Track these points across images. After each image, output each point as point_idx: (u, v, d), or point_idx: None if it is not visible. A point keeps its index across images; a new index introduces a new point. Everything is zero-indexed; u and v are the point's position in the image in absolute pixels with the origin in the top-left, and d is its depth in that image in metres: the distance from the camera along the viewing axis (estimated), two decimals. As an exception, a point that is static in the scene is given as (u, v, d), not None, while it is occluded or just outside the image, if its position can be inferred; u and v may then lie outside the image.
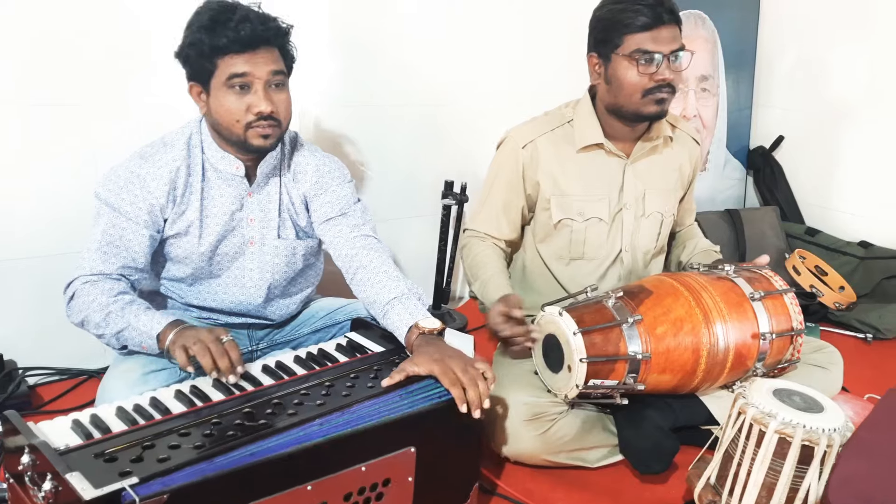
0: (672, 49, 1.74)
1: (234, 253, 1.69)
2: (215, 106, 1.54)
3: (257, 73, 1.51)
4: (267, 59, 1.52)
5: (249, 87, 1.52)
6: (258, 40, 1.50)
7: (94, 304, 1.49)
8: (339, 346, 1.57)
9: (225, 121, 1.54)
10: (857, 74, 2.98)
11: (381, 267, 1.61)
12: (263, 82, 1.52)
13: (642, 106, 1.78)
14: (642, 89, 1.76)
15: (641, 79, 1.75)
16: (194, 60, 1.51)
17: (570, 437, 1.69)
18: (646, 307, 1.65)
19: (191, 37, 1.50)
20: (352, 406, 1.27)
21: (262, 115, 1.52)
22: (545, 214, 1.92)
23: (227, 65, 1.50)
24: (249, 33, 1.48)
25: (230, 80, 1.50)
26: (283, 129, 1.60)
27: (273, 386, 1.36)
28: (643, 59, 1.73)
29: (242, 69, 1.50)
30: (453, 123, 2.57)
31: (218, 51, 1.49)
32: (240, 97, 1.52)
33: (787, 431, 1.30)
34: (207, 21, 1.48)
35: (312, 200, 1.72)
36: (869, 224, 3.00)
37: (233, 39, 1.47)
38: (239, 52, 1.49)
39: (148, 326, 1.45)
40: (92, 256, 1.55)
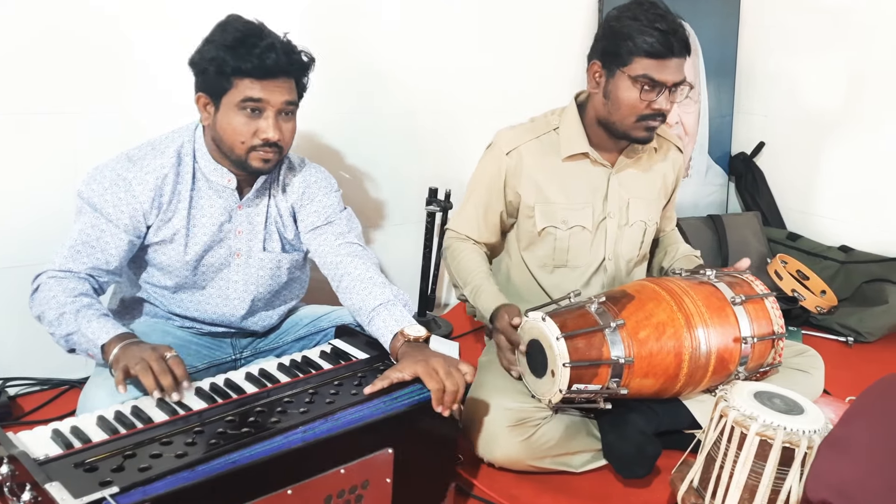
0: (675, 81, 1.74)
1: (219, 264, 1.68)
2: (223, 122, 1.53)
3: (272, 101, 1.51)
4: (283, 89, 1.53)
5: (261, 113, 1.52)
6: (279, 71, 1.51)
7: (52, 300, 1.47)
8: (323, 353, 1.56)
9: (229, 139, 1.54)
10: (835, 81, 3.02)
11: (365, 274, 1.61)
12: (275, 110, 1.52)
13: (633, 129, 1.79)
14: (637, 114, 1.76)
15: (640, 104, 1.75)
16: (211, 76, 1.50)
17: (555, 442, 1.69)
18: (628, 312, 1.66)
19: (213, 52, 1.49)
20: (335, 413, 1.27)
21: (268, 141, 1.53)
22: (529, 222, 1.93)
23: (245, 87, 1.49)
24: (273, 63, 1.49)
25: (244, 103, 1.50)
26: (282, 155, 1.61)
27: (256, 394, 1.36)
28: (647, 86, 1.73)
29: (258, 95, 1.50)
30: (437, 130, 2.58)
31: (239, 73, 1.48)
32: (250, 120, 1.52)
33: (768, 434, 1.32)
34: (232, 41, 1.48)
35: (299, 211, 1.73)
36: (849, 229, 3.03)
37: (256, 66, 1.48)
38: (259, 78, 1.49)
39: (95, 335, 1.41)
40: (64, 253, 1.53)
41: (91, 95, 1.93)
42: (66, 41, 1.87)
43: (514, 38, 2.65)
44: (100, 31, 1.91)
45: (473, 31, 2.58)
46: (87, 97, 1.93)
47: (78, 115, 1.93)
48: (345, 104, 2.38)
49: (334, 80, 2.31)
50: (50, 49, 1.86)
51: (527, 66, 2.66)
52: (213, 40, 1.51)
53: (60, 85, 1.89)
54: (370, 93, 2.42)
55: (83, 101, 1.93)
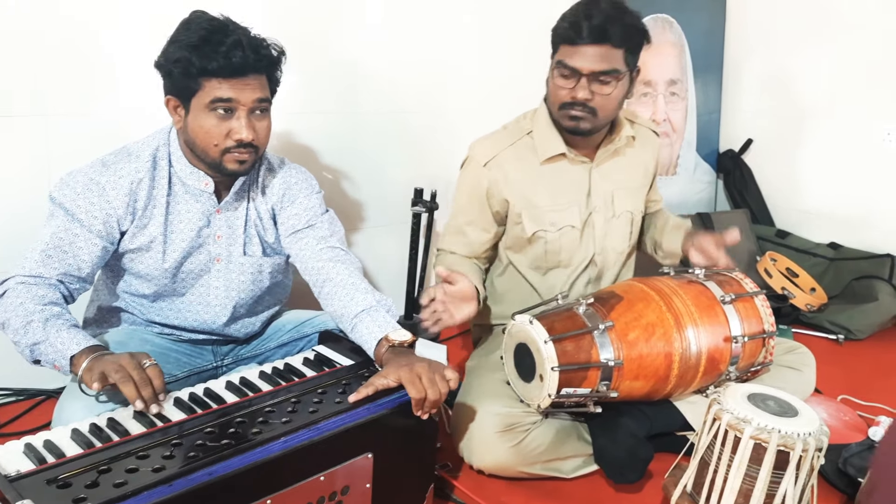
0: (594, 70, 1.69)
1: (199, 270, 1.64)
2: (193, 125, 1.49)
3: (242, 99, 1.47)
4: (254, 87, 1.48)
5: (232, 112, 1.47)
6: (248, 68, 1.46)
7: (20, 308, 1.40)
8: (307, 360, 1.53)
9: (202, 142, 1.49)
10: (822, 78, 3.02)
11: (348, 279, 1.57)
12: (247, 109, 1.48)
13: (560, 118, 1.78)
14: (559, 102, 1.75)
15: (559, 91, 1.74)
16: (178, 77, 1.45)
17: (545, 447, 1.66)
18: (617, 313, 1.63)
19: (177, 53, 1.44)
20: (319, 423, 1.23)
21: (242, 142, 1.48)
22: (518, 228, 1.90)
23: (213, 87, 1.45)
24: (241, 61, 1.44)
25: (213, 104, 1.45)
26: (259, 155, 1.56)
27: (237, 403, 1.32)
28: (564, 71, 1.72)
29: (228, 94, 1.45)
30: (422, 130, 2.54)
31: (205, 73, 1.43)
32: (221, 121, 1.47)
33: (763, 437, 1.29)
34: (197, 40, 1.42)
35: (280, 213, 1.68)
36: (838, 225, 3.03)
37: (223, 66, 1.43)
38: (226, 77, 1.44)
39: (65, 346, 1.35)
40: (35, 258, 1.48)
41: (62, 99, 1.88)
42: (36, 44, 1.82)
43: (501, 35, 2.63)
44: (70, 34, 1.86)
45: (459, 28, 2.55)
46: (59, 100, 1.88)
47: (49, 119, 1.88)
48: (327, 102, 2.34)
49: (315, 78, 2.28)
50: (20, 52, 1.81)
51: (513, 64, 2.63)
52: (177, 40, 1.45)
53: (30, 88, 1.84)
54: (353, 90, 2.38)
55: (54, 105, 1.87)
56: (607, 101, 1.73)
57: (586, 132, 1.79)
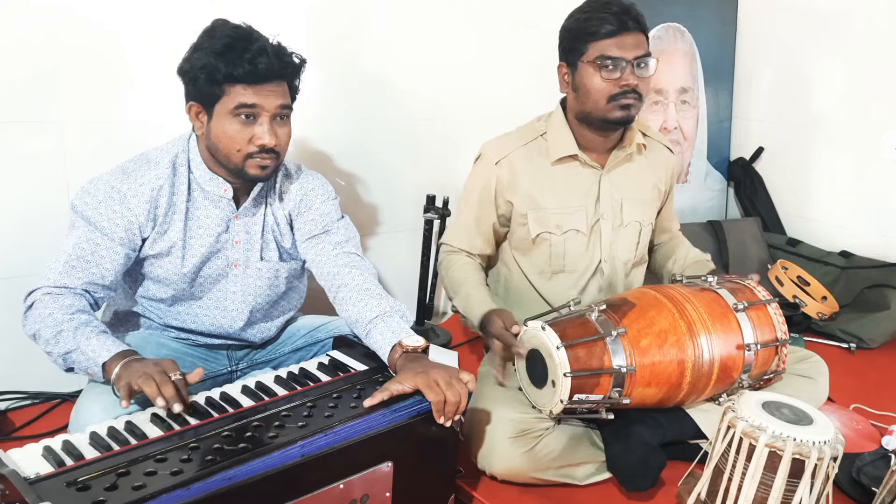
0: (636, 55, 1.75)
1: (217, 275, 1.65)
2: (217, 131, 1.50)
3: (266, 106, 1.49)
4: (277, 93, 1.50)
5: (255, 118, 1.49)
6: (272, 75, 1.48)
7: (49, 318, 1.43)
8: (321, 364, 1.53)
9: (225, 147, 1.51)
10: (833, 86, 3.01)
11: (363, 285, 1.58)
12: (270, 115, 1.50)
13: (608, 112, 1.79)
14: (607, 95, 1.77)
15: (606, 84, 1.76)
16: (203, 83, 1.47)
17: (558, 453, 1.66)
18: (629, 320, 1.64)
19: (203, 59, 1.46)
20: (335, 427, 1.24)
21: (264, 147, 1.50)
22: (523, 230, 1.91)
23: (237, 93, 1.47)
24: (266, 68, 1.46)
25: (237, 110, 1.47)
26: (280, 161, 1.58)
27: (253, 407, 1.33)
28: (609, 65, 1.74)
29: (252, 101, 1.47)
30: (435, 137, 2.56)
31: (231, 79, 1.45)
32: (244, 127, 1.49)
33: (778, 445, 1.29)
34: (222, 47, 1.45)
35: (296, 219, 1.70)
36: (849, 234, 3.02)
37: (248, 72, 1.45)
38: (251, 83, 1.46)
39: (96, 353, 1.38)
40: (58, 268, 1.49)
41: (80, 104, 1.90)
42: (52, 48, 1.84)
43: (514, 44, 2.63)
44: (89, 39, 1.88)
45: (473, 36, 2.56)
46: (77, 106, 1.89)
47: (67, 125, 1.89)
48: (341, 110, 2.35)
49: (330, 86, 2.30)
50: (35, 56, 1.83)
51: (527, 72, 2.64)
52: (201, 47, 1.47)
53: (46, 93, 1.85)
54: (367, 98, 2.40)
55: (72, 110, 1.89)
56: (647, 84, 1.80)
57: (633, 119, 1.84)
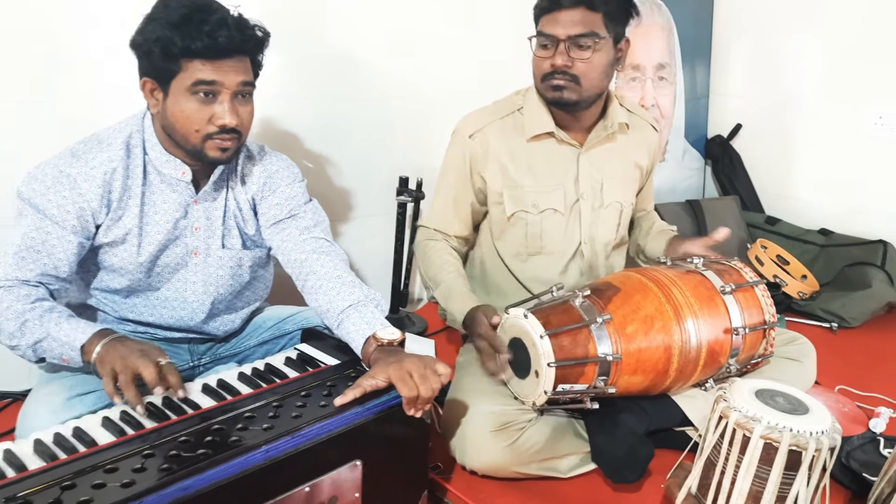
0: (570, 34, 1.65)
1: (175, 264, 1.55)
2: (173, 109, 1.39)
3: (227, 82, 1.37)
4: (238, 69, 1.39)
5: (215, 96, 1.38)
6: (233, 49, 1.36)
7: (8, 311, 1.33)
8: (289, 359, 1.44)
9: (182, 127, 1.40)
10: (812, 61, 2.96)
11: (333, 272, 1.48)
12: (231, 93, 1.39)
13: (544, 91, 1.73)
14: (541, 73, 1.71)
15: (540, 63, 1.70)
16: (157, 58, 1.35)
17: (541, 445, 1.59)
18: (615, 305, 1.56)
19: (157, 31, 1.33)
20: (302, 429, 1.15)
21: (225, 127, 1.39)
22: (498, 209, 1.83)
23: (195, 69, 1.35)
24: (226, 41, 1.34)
25: (195, 87, 1.36)
26: (242, 142, 1.47)
27: (214, 409, 1.23)
28: (543, 41, 1.68)
29: (211, 77, 1.36)
30: (408, 116, 2.45)
31: (188, 53, 1.34)
32: (203, 105, 1.38)
33: (774, 436, 1.22)
34: (179, 18, 1.32)
35: (260, 203, 1.59)
36: (828, 211, 2.98)
37: (207, 46, 1.33)
38: (210, 58, 1.35)
39: (70, 336, 1.29)
40: (9, 261, 1.38)
41: (25, 85, 1.76)
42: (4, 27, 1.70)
43: (490, 18, 2.53)
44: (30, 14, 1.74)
45: (445, 8, 2.45)
46: (21, 87, 1.76)
47: (14, 103, 1.76)
48: (310, 87, 2.24)
49: (299, 62, 2.18)
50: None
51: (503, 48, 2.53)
52: (156, 17, 1.35)
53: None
54: (338, 76, 2.28)
55: (16, 92, 1.75)
56: (589, 67, 1.68)
57: (571, 103, 1.72)
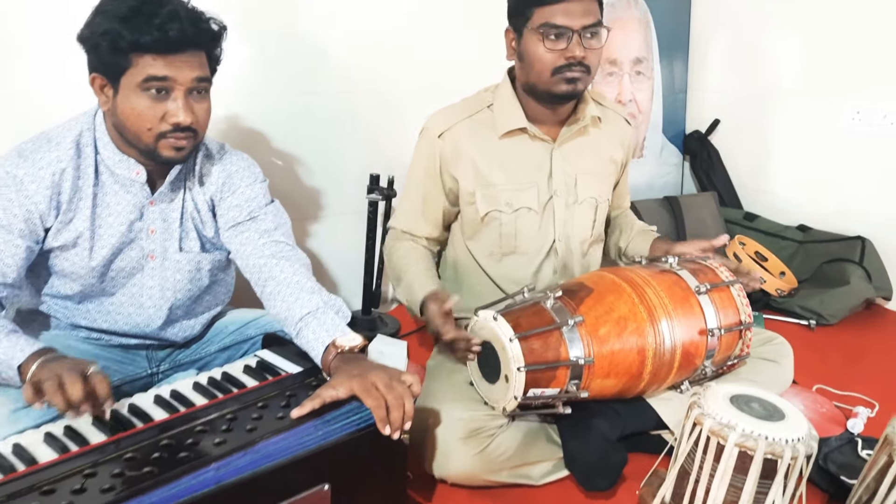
0: (584, 24, 1.61)
1: (131, 268, 1.48)
2: (124, 107, 1.32)
3: (180, 78, 1.31)
4: (192, 64, 1.32)
5: (168, 93, 1.32)
6: (186, 43, 1.30)
7: None
8: (248, 367, 1.38)
9: (133, 126, 1.33)
10: (790, 56, 2.93)
11: (293, 278, 1.42)
12: (185, 89, 1.32)
13: (553, 85, 1.66)
14: (552, 67, 1.63)
15: (551, 55, 1.63)
16: (105, 52, 1.29)
17: (512, 452, 1.54)
18: (587, 307, 1.52)
19: (105, 24, 1.27)
20: (256, 444, 1.09)
21: (179, 125, 1.33)
22: (471, 209, 1.78)
23: (146, 64, 1.29)
24: (177, 35, 1.28)
25: (147, 83, 1.30)
26: (198, 141, 1.40)
27: (165, 422, 1.17)
28: (552, 34, 1.61)
29: (163, 73, 1.29)
30: (379, 112, 2.38)
31: (138, 48, 1.27)
32: (155, 103, 1.31)
33: (749, 444, 1.18)
34: (127, 10, 1.26)
35: (219, 204, 1.53)
36: (806, 207, 2.96)
37: (157, 40, 1.27)
38: (162, 53, 1.28)
39: (8, 355, 1.22)
40: None
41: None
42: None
43: (462, 12, 2.47)
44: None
45: (418, 4, 2.39)
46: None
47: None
48: (277, 83, 2.17)
49: (265, 57, 2.12)
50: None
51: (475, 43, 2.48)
52: (104, 10, 1.29)
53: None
54: (306, 70, 2.22)
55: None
56: (597, 56, 1.67)
57: (580, 94, 1.71)
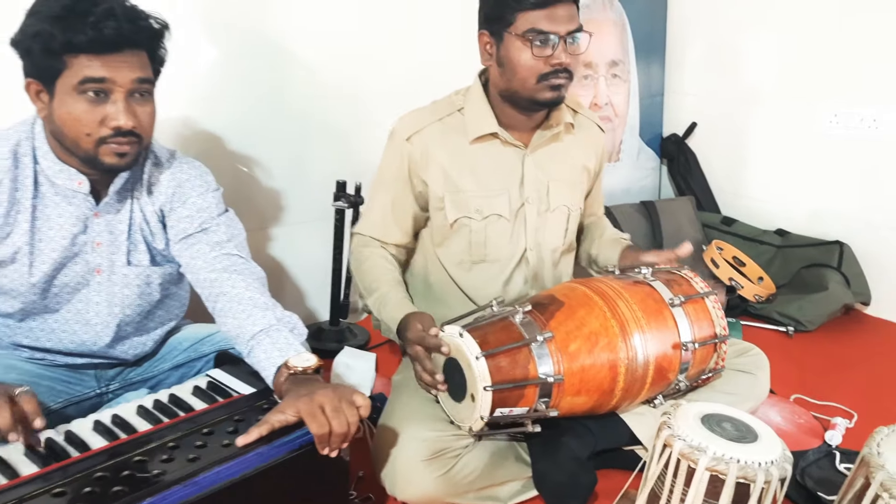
0: (569, 30, 1.56)
1: (75, 283, 1.41)
2: (60, 112, 1.25)
3: (119, 79, 1.24)
4: (132, 64, 1.25)
5: (107, 95, 1.25)
6: (124, 42, 1.23)
7: None
8: (197, 389, 1.31)
9: (72, 132, 1.26)
10: (767, 59, 2.90)
11: (245, 293, 1.35)
12: (125, 91, 1.25)
13: (537, 92, 1.60)
14: (537, 74, 1.58)
15: (536, 62, 1.57)
16: (38, 55, 1.22)
17: (478, 473, 1.48)
18: (557, 321, 1.46)
19: (36, 25, 1.21)
20: (196, 476, 1.02)
21: (120, 130, 1.25)
22: (440, 215, 1.72)
23: (81, 66, 1.22)
24: (114, 33, 1.21)
25: (83, 85, 1.23)
26: (143, 146, 1.33)
27: (102, 451, 1.09)
28: (538, 40, 1.55)
29: (100, 74, 1.22)
30: (346, 117, 2.32)
31: (71, 48, 1.20)
32: (94, 106, 1.24)
33: (720, 468, 1.13)
34: (60, 10, 1.19)
35: (169, 215, 1.46)
36: (784, 211, 2.93)
37: (92, 39, 1.20)
38: (98, 52, 1.21)
39: None
40: None
41: None
42: None
43: (431, 14, 2.41)
44: None
45: (386, 6, 2.32)
46: None
47: None
48: (240, 86, 2.10)
49: (228, 58, 2.04)
50: None
51: (444, 46, 2.42)
52: (36, 11, 1.22)
53: None
54: (267, 71, 2.14)
55: None
56: (578, 63, 1.61)
57: (563, 101, 1.67)
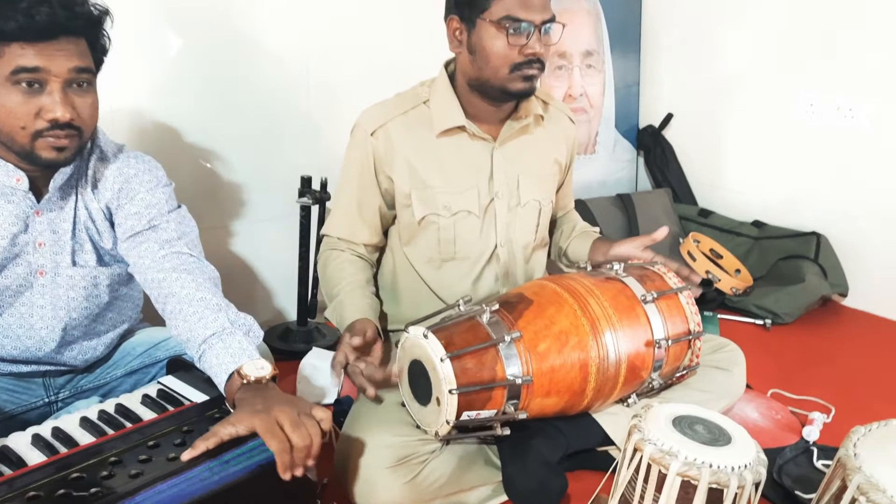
0: (544, 19, 1.51)
1: (17, 286, 1.34)
2: None
3: (54, 69, 1.17)
4: (69, 53, 1.19)
5: (42, 86, 1.18)
6: (59, 29, 1.16)
7: None
8: (146, 397, 1.24)
9: (6, 125, 1.19)
10: (743, 47, 2.86)
11: (195, 294, 1.28)
12: (62, 81, 1.18)
13: (509, 82, 1.55)
14: (510, 63, 1.52)
15: (510, 50, 1.52)
16: None
17: (446, 479, 1.43)
18: (526, 320, 1.41)
19: None
20: (136, 494, 0.95)
21: (57, 122, 1.19)
22: (407, 212, 1.66)
23: (14, 55, 1.15)
24: (47, 20, 1.14)
25: (16, 76, 1.16)
26: (84, 140, 1.27)
27: (38, 468, 1.02)
28: (513, 28, 1.50)
29: (34, 63, 1.16)
30: (311, 109, 2.26)
31: (2, 36, 1.14)
32: (28, 98, 1.18)
33: (692, 473, 1.08)
34: None
35: (116, 212, 1.39)
36: (761, 202, 2.90)
37: (24, 26, 1.13)
38: (31, 40, 1.15)
39: None
40: None
41: None
42: None
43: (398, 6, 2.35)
44: None
45: (351, -2, 2.27)
46: None
47: None
48: (200, 77, 2.03)
49: (187, 48, 1.97)
50: None
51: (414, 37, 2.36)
52: None
53: None
54: (230, 64, 2.08)
55: None
56: (548, 52, 1.58)
57: (534, 92, 1.62)
